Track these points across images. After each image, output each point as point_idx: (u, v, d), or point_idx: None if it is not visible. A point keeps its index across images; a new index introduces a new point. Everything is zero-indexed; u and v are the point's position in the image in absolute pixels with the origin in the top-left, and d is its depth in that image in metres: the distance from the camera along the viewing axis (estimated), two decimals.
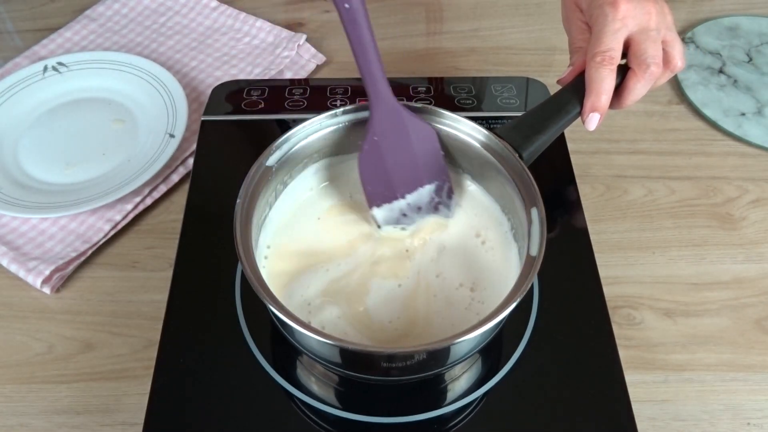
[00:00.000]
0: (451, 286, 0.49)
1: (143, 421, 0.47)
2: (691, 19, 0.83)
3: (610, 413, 0.48)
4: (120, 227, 0.63)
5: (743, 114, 0.72)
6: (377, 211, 0.51)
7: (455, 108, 0.67)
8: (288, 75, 0.77)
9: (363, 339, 0.47)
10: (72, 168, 0.67)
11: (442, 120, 0.52)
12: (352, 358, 0.44)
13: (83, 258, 0.61)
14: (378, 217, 0.52)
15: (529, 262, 0.43)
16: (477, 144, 0.51)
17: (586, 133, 0.71)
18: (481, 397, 0.49)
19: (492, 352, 0.51)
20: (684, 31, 0.81)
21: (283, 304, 0.41)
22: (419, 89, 0.69)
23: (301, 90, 0.69)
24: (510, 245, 0.50)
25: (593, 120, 0.52)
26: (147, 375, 0.49)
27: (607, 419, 0.47)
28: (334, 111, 0.51)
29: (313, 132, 0.51)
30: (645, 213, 0.65)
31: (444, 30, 0.84)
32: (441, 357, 0.44)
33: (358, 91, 0.69)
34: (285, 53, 0.78)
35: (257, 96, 0.69)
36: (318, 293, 0.48)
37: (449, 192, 0.52)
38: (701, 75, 0.76)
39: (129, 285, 0.59)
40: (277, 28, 0.81)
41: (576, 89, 0.53)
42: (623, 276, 0.60)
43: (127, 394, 0.53)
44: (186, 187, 0.62)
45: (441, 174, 0.51)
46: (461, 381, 0.50)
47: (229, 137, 0.66)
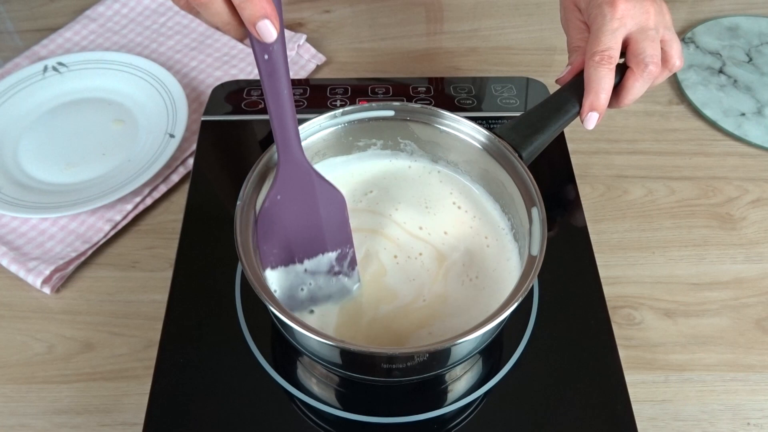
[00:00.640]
0: (453, 286, 0.49)
1: (143, 421, 0.47)
2: (691, 19, 0.83)
3: (610, 413, 0.48)
4: (120, 227, 0.63)
5: (743, 114, 0.72)
6: (270, 273, 0.46)
7: (455, 108, 0.67)
8: None
9: (361, 340, 0.47)
10: (72, 168, 0.67)
11: (441, 120, 0.52)
12: (352, 359, 0.44)
13: (83, 258, 0.61)
14: (271, 280, 0.46)
15: (530, 262, 0.43)
16: (477, 144, 0.51)
17: (586, 133, 0.71)
18: (482, 397, 0.49)
19: (492, 352, 0.51)
20: (684, 31, 0.81)
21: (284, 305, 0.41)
22: (419, 89, 0.69)
23: (301, 90, 0.69)
24: (511, 246, 0.50)
25: (592, 119, 0.52)
26: (147, 375, 0.49)
27: (607, 419, 0.47)
28: (333, 112, 0.51)
29: (313, 133, 0.51)
30: (645, 213, 0.65)
31: (444, 30, 0.84)
32: (442, 358, 0.44)
33: (358, 91, 0.69)
34: None
35: (257, 96, 0.69)
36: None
37: (352, 263, 0.48)
38: (701, 75, 0.76)
39: (129, 285, 0.59)
40: None
41: (575, 88, 0.53)
42: (623, 276, 0.60)
43: (127, 394, 0.53)
44: (186, 187, 0.62)
45: (345, 242, 0.48)
46: (462, 381, 0.50)
47: (229, 137, 0.66)
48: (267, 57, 0.38)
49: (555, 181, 0.63)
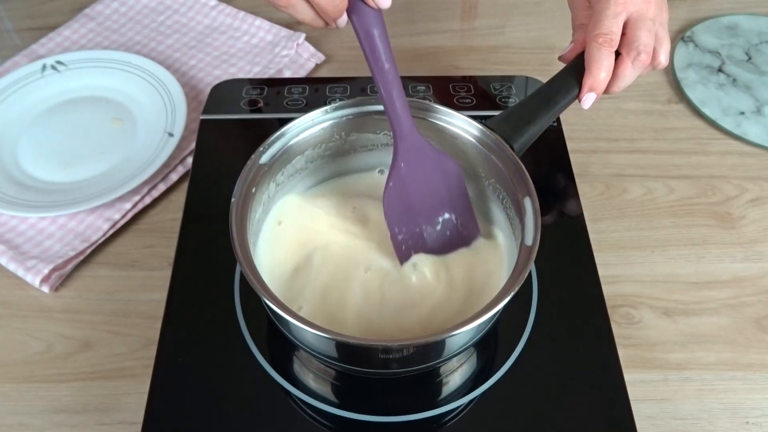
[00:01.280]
0: (448, 279, 0.49)
1: (142, 420, 0.47)
2: (691, 18, 0.83)
3: (609, 412, 0.48)
4: (119, 226, 0.63)
5: (742, 113, 0.72)
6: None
7: (455, 107, 0.67)
8: (287, 74, 0.77)
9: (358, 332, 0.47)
10: (71, 167, 0.67)
11: (434, 114, 0.52)
12: (348, 351, 0.44)
13: (82, 257, 0.61)
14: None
15: (525, 252, 0.43)
16: (469, 137, 0.51)
17: (585, 132, 0.71)
18: (480, 396, 0.49)
19: (491, 350, 0.51)
20: (683, 30, 0.81)
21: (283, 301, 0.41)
22: (419, 88, 0.69)
23: (300, 89, 0.69)
24: (506, 240, 0.51)
25: (589, 99, 0.52)
26: (146, 374, 0.49)
27: (607, 418, 0.48)
28: (325, 108, 0.51)
29: (306, 129, 0.51)
30: (644, 212, 0.65)
31: (443, 29, 0.83)
32: (438, 348, 0.44)
33: (357, 90, 0.69)
34: (284, 52, 0.78)
35: (256, 95, 0.69)
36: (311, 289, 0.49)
37: (473, 227, 0.52)
38: (700, 74, 0.76)
39: (128, 284, 0.59)
40: (276, 26, 0.81)
41: (572, 72, 0.53)
42: (622, 275, 0.60)
43: (126, 393, 0.53)
44: (185, 186, 0.62)
45: (464, 210, 0.51)
46: (460, 380, 0.50)
47: (228, 136, 0.66)
48: (370, 36, 0.43)
49: (554, 180, 0.63)
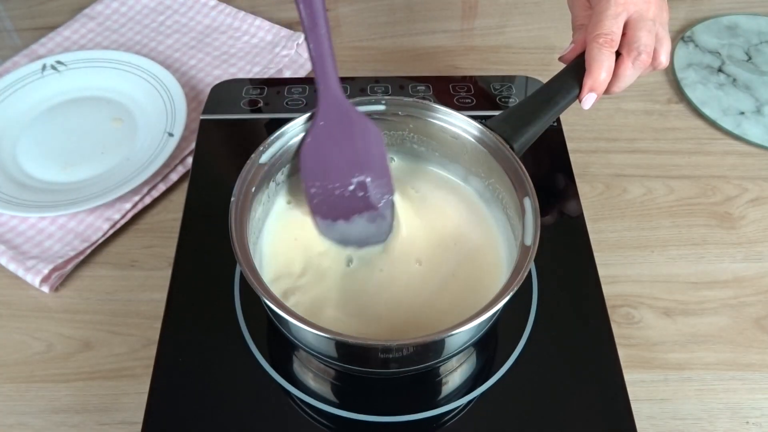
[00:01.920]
0: (446, 278, 0.49)
1: (142, 420, 0.47)
2: (691, 18, 0.83)
3: (609, 412, 0.48)
4: (119, 226, 0.63)
5: (742, 113, 0.72)
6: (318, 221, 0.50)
7: (455, 107, 0.67)
8: (287, 74, 0.77)
9: (359, 330, 0.47)
10: (71, 167, 0.67)
11: (434, 114, 0.52)
12: (347, 350, 0.44)
13: (82, 257, 0.61)
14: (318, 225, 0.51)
15: (524, 252, 0.43)
16: (469, 137, 0.51)
17: (585, 132, 0.71)
18: (480, 396, 0.49)
19: (491, 350, 0.51)
20: (683, 30, 0.81)
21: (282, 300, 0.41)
22: (418, 88, 0.69)
23: (300, 89, 0.69)
24: (506, 240, 0.51)
25: (590, 99, 0.52)
26: (146, 374, 0.49)
27: (607, 418, 0.48)
28: None
29: (306, 129, 0.51)
30: (644, 212, 0.65)
31: (443, 29, 0.83)
32: (438, 348, 0.44)
33: (357, 90, 0.69)
34: (284, 52, 0.78)
35: (256, 95, 0.69)
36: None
37: (388, 196, 0.51)
38: (700, 74, 0.76)
39: (128, 284, 0.59)
40: (276, 26, 0.81)
41: (572, 72, 0.53)
42: (622, 275, 0.60)
43: (126, 393, 0.53)
44: (185, 186, 0.62)
45: (382, 174, 0.50)
46: (460, 380, 0.50)
47: (228, 136, 0.66)
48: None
49: (554, 180, 0.63)
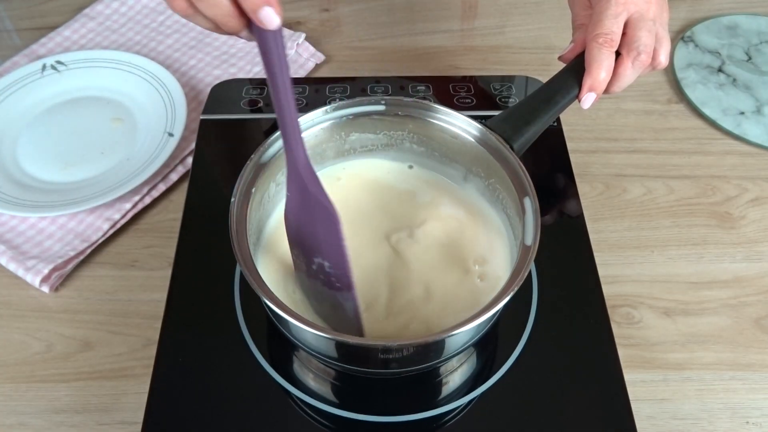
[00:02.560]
0: (448, 277, 0.49)
1: (142, 420, 0.47)
2: (691, 18, 0.83)
3: (609, 412, 0.48)
4: (119, 226, 0.63)
5: (742, 113, 0.72)
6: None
7: (455, 107, 0.67)
8: None
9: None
10: (71, 167, 0.67)
11: (434, 114, 0.52)
12: (347, 351, 0.44)
13: (82, 257, 0.61)
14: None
15: (525, 252, 0.43)
16: (469, 137, 0.51)
17: (585, 132, 0.71)
18: (480, 396, 0.49)
19: (491, 350, 0.51)
20: (683, 30, 0.81)
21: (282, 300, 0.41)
22: (418, 88, 0.69)
23: (300, 89, 0.69)
24: (506, 241, 0.51)
25: (589, 99, 0.52)
26: (146, 374, 0.49)
27: (607, 418, 0.48)
28: (325, 108, 0.51)
29: (306, 129, 0.51)
30: (644, 212, 0.65)
31: (443, 29, 0.83)
32: (438, 348, 0.44)
33: (357, 90, 0.69)
34: None
35: (256, 95, 0.69)
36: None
37: (346, 284, 0.45)
38: (700, 74, 0.76)
39: (128, 284, 0.59)
40: None
41: (572, 72, 0.53)
42: (622, 275, 0.60)
43: (126, 393, 0.53)
44: (185, 186, 0.62)
45: (341, 261, 0.44)
46: (460, 380, 0.50)
47: (228, 136, 0.66)
48: (268, 50, 0.36)
49: (554, 180, 0.63)
